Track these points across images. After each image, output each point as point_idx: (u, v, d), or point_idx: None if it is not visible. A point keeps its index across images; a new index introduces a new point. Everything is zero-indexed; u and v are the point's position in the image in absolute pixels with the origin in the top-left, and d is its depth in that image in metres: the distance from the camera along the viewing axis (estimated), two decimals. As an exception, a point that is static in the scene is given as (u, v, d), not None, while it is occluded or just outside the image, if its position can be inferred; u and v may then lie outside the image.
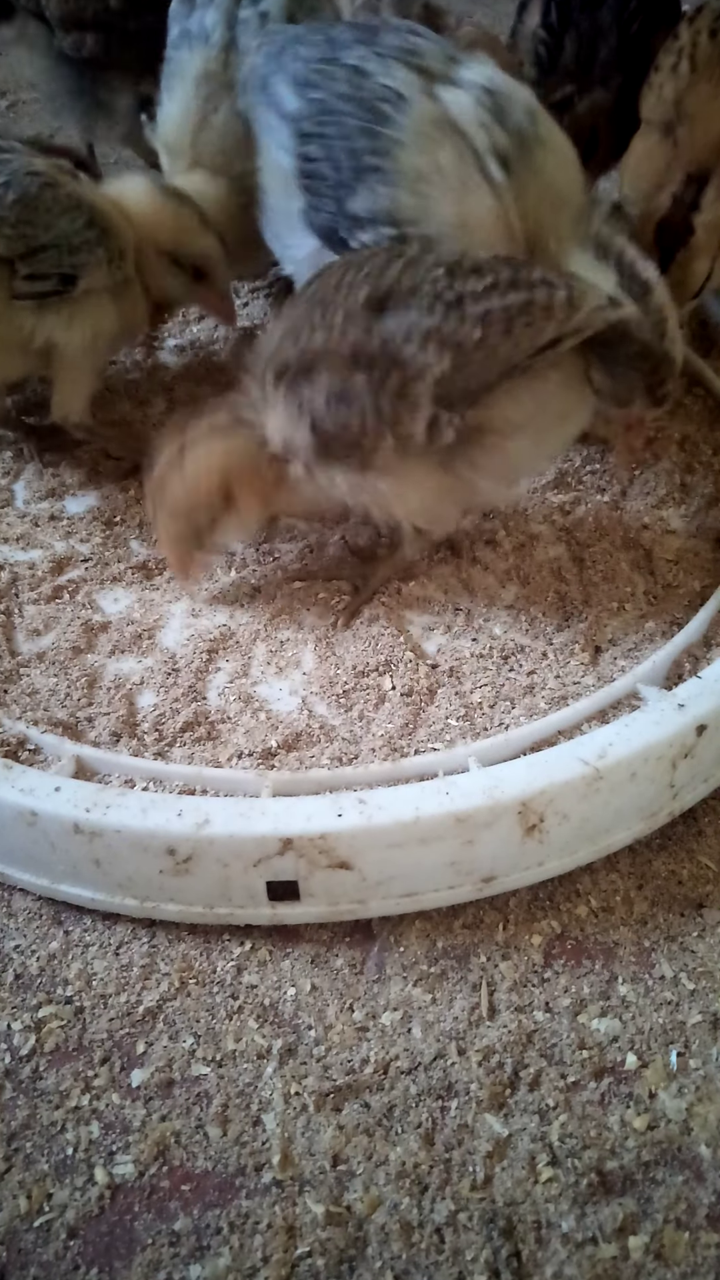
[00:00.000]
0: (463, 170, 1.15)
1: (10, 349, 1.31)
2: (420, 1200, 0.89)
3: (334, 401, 1.07)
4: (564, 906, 1.07)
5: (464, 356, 1.04)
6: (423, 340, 1.04)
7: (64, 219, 1.26)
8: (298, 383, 1.09)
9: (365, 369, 1.06)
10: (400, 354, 1.05)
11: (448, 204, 1.17)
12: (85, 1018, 1.00)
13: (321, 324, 1.08)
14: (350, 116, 1.20)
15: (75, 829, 1.01)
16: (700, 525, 1.33)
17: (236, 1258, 0.86)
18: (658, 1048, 0.97)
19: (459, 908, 1.06)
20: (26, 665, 1.20)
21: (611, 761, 1.02)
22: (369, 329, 1.06)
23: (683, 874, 1.09)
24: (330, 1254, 0.86)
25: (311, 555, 1.31)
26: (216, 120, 1.46)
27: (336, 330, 1.07)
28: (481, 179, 1.15)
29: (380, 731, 1.11)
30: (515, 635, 1.21)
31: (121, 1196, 0.90)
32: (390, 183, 1.18)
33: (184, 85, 1.48)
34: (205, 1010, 1.00)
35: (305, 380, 1.08)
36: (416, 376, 1.05)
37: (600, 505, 1.35)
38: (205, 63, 1.45)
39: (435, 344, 1.04)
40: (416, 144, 1.17)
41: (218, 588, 1.28)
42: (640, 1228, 0.87)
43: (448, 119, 1.16)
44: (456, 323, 1.04)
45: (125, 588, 1.28)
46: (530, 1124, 0.92)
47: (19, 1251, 0.87)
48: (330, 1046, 0.97)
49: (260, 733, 1.12)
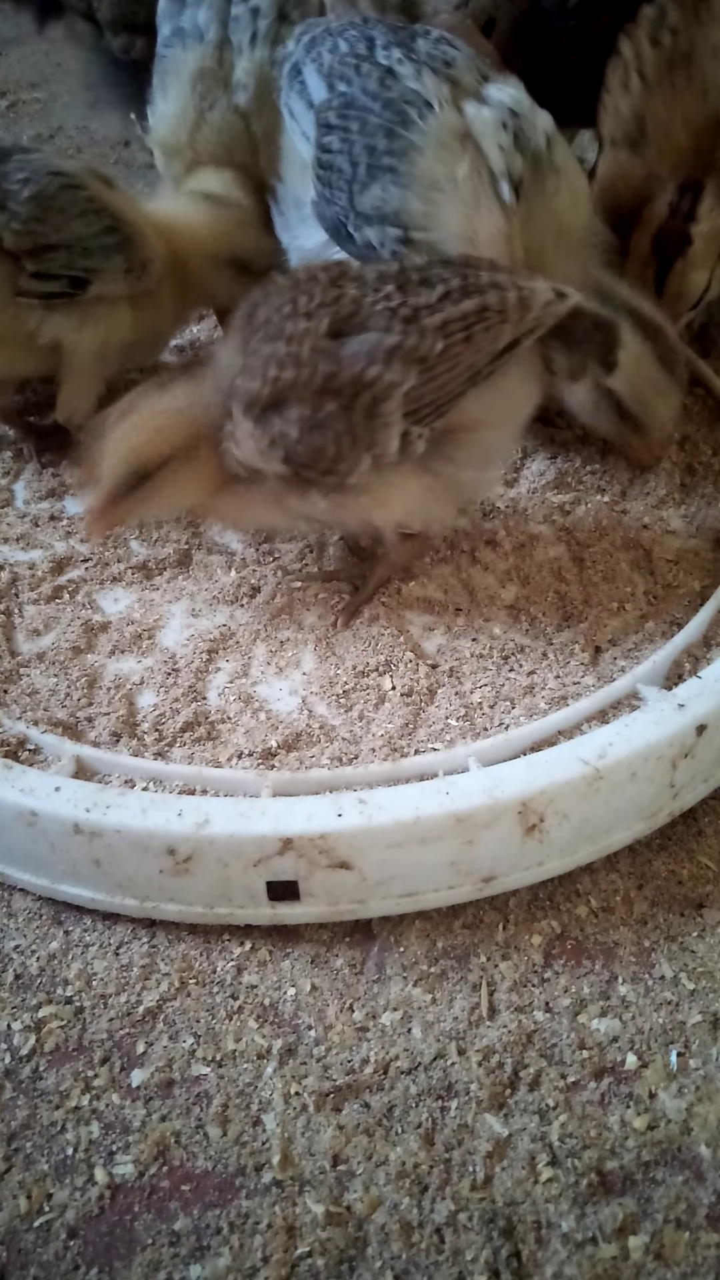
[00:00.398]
0: (476, 186, 1.16)
1: (13, 345, 1.31)
2: (420, 1200, 0.89)
3: (307, 431, 1.07)
4: (564, 906, 1.07)
5: (429, 369, 1.06)
6: (387, 359, 1.06)
7: (79, 221, 1.26)
8: (267, 416, 1.08)
9: (335, 396, 1.07)
10: (366, 375, 1.06)
11: (456, 216, 1.17)
12: (85, 1018, 1.00)
13: (290, 359, 1.08)
14: (374, 114, 1.21)
15: (75, 829, 1.01)
16: (700, 525, 1.33)
17: (236, 1258, 0.86)
18: (658, 1048, 0.97)
19: (459, 908, 1.06)
20: (26, 665, 1.20)
21: (611, 761, 1.02)
22: (336, 358, 1.07)
23: (683, 874, 1.09)
24: (330, 1254, 0.86)
25: (311, 555, 1.31)
26: (213, 117, 1.46)
27: (306, 365, 1.07)
28: (493, 198, 1.16)
29: (380, 731, 1.11)
30: (515, 635, 1.21)
31: (121, 1196, 0.90)
32: (403, 185, 1.19)
33: (179, 84, 1.47)
34: (205, 1010, 1.00)
35: (275, 414, 1.08)
36: (385, 395, 1.06)
37: (600, 505, 1.35)
38: (200, 60, 1.45)
39: (400, 361, 1.06)
40: (435, 152, 1.18)
41: (218, 588, 1.28)
42: (640, 1228, 0.87)
43: (469, 134, 1.18)
44: (417, 337, 1.06)
45: (125, 588, 1.28)
46: (530, 1124, 0.92)
47: (19, 1251, 0.87)
48: (330, 1046, 0.97)
49: (260, 733, 1.12)
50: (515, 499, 1.36)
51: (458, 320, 1.06)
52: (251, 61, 1.45)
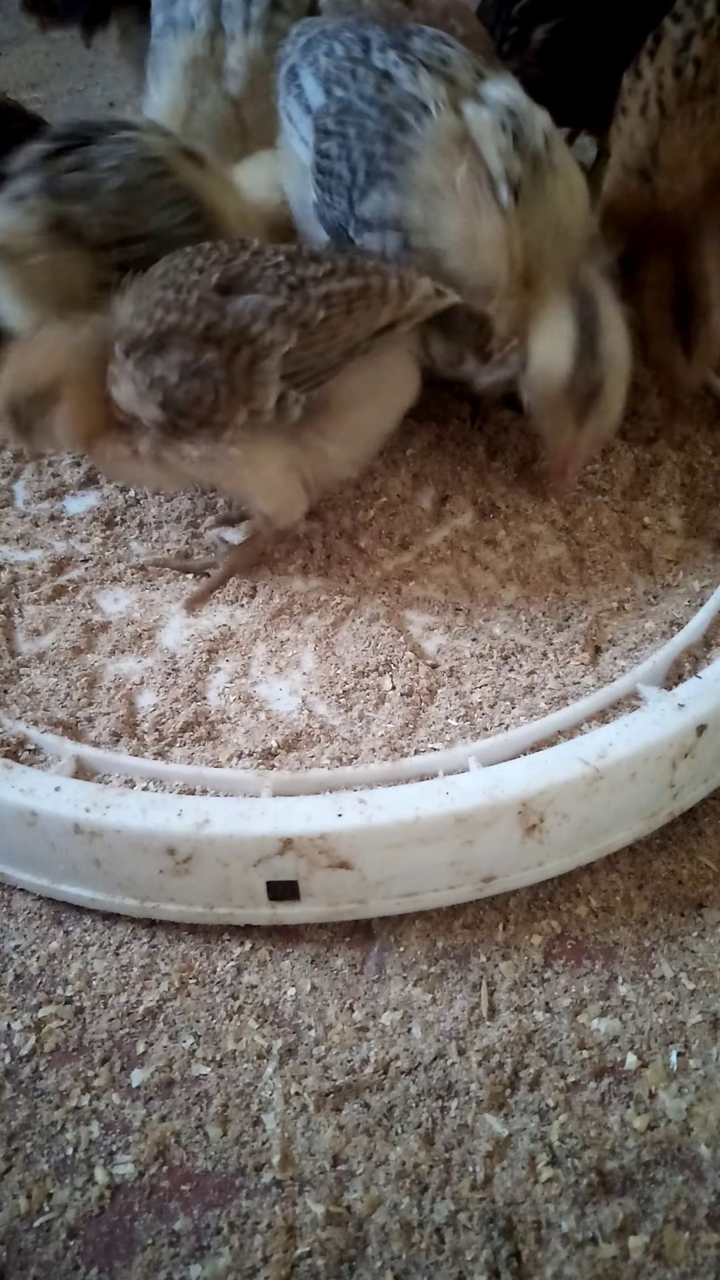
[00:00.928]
0: (475, 191, 1.16)
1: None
2: (420, 1200, 0.89)
3: (186, 376, 1.12)
4: (564, 906, 1.07)
5: (310, 334, 1.12)
6: (270, 319, 1.12)
7: (165, 212, 1.25)
8: (149, 358, 1.13)
9: (216, 346, 1.12)
10: (249, 331, 1.12)
11: (455, 220, 1.17)
12: (85, 1018, 1.00)
13: (176, 304, 1.13)
14: (371, 120, 1.21)
15: (75, 829, 1.01)
16: (700, 525, 1.33)
17: (236, 1258, 0.86)
18: (658, 1048, 0.97)
19: (459, 908, 1.06)
20: (26, 665, 1.20)
21: (611, 761, 1.02)
22: (221, 309, 1.12)
23: (683, 874, 1.09)
24: (330, 1254, 0.86)
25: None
26: (205, 106, 1.45)
27: (190, 311, 1.12)
28: (492, 201, 1.16)
29: (380, 731, 1.11)
30: (515, 635, 1.21)
31: (121, 1196, 0.90)
32: (401, 191, 1.19)
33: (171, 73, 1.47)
34: (205, 1010, 1.00)
35: (157, 356, 1.13)
36: (265, 353, 1.11)
37: (600, 505, 1.35)
38: (191, 50, 1.45)
39: (283, 322, 1.12)
40: (433, 157, 1.18)
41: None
42: (640, 1228, 0.87)
43: (468, 136, 1.17)
44: (301, 303, 1.12)
45: (125, 588, 1.28)
46: (530, 1124, 0.92)
47: (19, 1251, 0.87)
48: (330, 1046, 0.97)
49: (260, 733, 1.12)
50: (515, 499, 1.36)
51: (340, 294, 1.13)
52: (244, 49, 1.45)
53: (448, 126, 1.18)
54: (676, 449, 1.43)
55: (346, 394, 1.16)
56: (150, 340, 1.13)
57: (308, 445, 1.17)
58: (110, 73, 2.62)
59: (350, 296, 1.13)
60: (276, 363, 1.12)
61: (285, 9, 1.49)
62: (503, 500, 1.35)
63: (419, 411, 1.33)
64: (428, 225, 1.19)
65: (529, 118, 1.19)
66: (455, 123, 1.18)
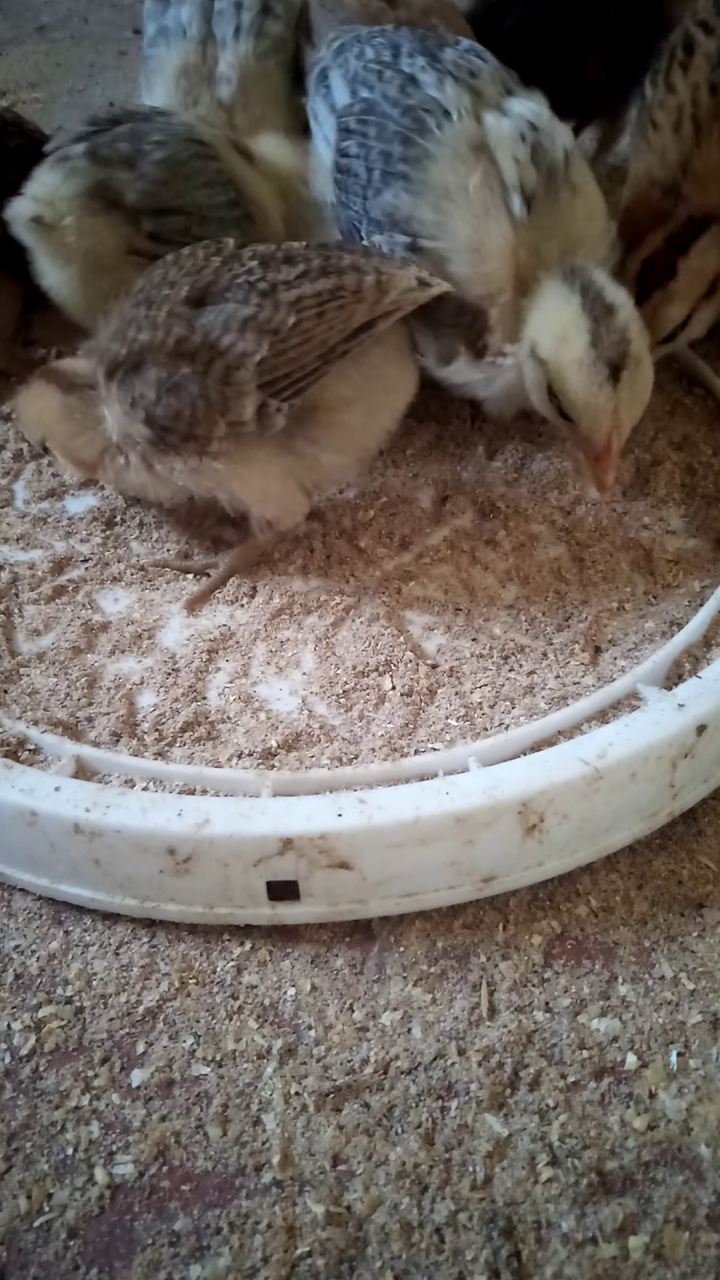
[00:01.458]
0: (486, 197, 1.16)
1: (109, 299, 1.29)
2: (420, 1200, 0.89)
3: (164, 393, 1.13)
4: (564, 906, 1.07)
5: (281, 341, 1.11)
6: (240, 329, 1.11)
7: (204, 190, 1.27)
8: (129, 379, 1.15)
9: (190, 360, 1.12)
10: (220, 343, 1.11)
11: (465, 226, 1.17)
12: (85, 1018, 1.00)
13: (146, 322, 1.13)
14: (393, 121, 1.22)
15: (75, 829, 1.01)
16: (700, 525, 1.33)
17: (236, 1258, 0.86)
18: (658, 1048, 0.97)
19: (459, 908, 1.06)
20: (26, 665, 1.20)
21: (611, 761, 1.02)
22: (190, 323, 1.12)
23: (683, 874, 1.09)
24: (330, 1254, 0.86)
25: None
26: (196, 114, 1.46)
27: (160, 327, 1.12)
28: (503, 209, 1.15)
29: (380, 731, 1.11)
30: (515, 635, 1.21)
31: (121, 1196, 0.90)
32: (414, 192, 1.19)
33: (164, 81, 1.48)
34: (205, 1010, 1.00)
35: (135, 375, 1.14)
36: (238, 364, 1.11)
37: (600, 505, 1.35)
38: (184, 57, 1.46)
39: (253, 331, 1.10)
40: (449, 161, 1.18)
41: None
42: (640, 1228, 0.87)
43: (485, 145, 1.17)
44: (271, 310, 1.10)
45: (125, 588, 1.28)
46: (530, 1124, 0.92)
47: (19, 1251, 0.87)
48: (330, 1046, 0.97)
49: (260, 733, 1.12)
50: (515, 499, 1.36)
51: (311, 297, 1.11)
52: (235, 55, 1.45)
53: (467, 133, 1.19)
54: (676, 449, 1.43)
55: (334, 398, 1.15)
56: (126, 360, 1.14)
57: (300, 453, 1.17)
58: (110, 73, 2.62)
59: (322, 299, 1.11)
60: (251, 372, 1.11)
61: (276, 14, 1.49)
62: (503, 500, 1.36)
63: (419, 411, 1.34)
64: (437, 229, 1.19)
65: (550, 133, 1.19)
66: (475, 130, 1.19)
